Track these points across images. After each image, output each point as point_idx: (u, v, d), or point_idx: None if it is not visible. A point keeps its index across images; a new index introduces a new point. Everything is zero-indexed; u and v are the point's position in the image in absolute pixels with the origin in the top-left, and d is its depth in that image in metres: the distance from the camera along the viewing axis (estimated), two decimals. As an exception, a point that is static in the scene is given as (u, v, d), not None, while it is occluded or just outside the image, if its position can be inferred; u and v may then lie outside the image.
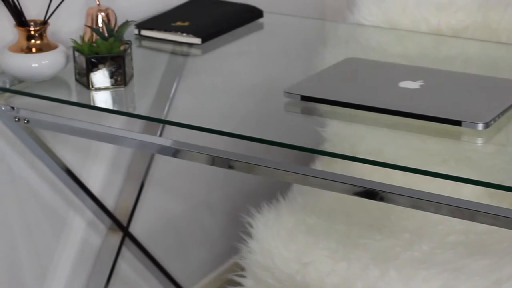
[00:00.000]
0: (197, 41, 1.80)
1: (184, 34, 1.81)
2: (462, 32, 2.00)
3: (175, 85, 1.71)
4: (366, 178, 1.38)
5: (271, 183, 2.15)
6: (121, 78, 1.58)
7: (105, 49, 1.57)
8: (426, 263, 1.79)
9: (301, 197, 2.02)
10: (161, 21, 1.87)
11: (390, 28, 2.04)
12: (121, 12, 1.71)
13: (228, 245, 2.29)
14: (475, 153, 1.39)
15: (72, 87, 1.62)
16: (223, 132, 1.44)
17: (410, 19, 2.05)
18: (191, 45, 1.81)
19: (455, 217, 1.34)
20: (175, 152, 1.54)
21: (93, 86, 1.58)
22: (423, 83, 1.51)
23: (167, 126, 1.89)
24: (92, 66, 1.57)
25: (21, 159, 1.77)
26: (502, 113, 1.40)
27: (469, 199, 1.31)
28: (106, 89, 1.58)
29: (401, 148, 1.40)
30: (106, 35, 1.58)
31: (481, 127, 1.36)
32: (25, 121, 1.63)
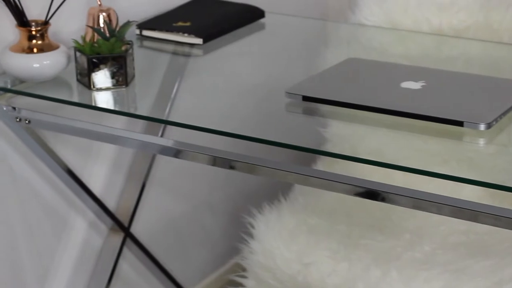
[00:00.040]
0: (199, 41, 1.80)
1: (185, 34, 1.81)
2: (463, 32, 2.00)
3: (176, 86, 1.71)
4: (367, 178, 1.38)
5: (272, 183, 2.15)
6: (122, 78, 1.58)
7: (106, 49, 1.57)
8: (427, 264, 1.79)
9: (302, 198, 2.01)
10: (162, 21, 1.86)
11: (391, 28, 2.04)
12: (123, 12, 1.71)
13: (229, 245, 2.29)
14: (476, 154, 1.39)
15: (73, 87, 1.62)
16: (224, 132, 1.44)
17: (411, 19, 2.04)
18: (192, 45, 1.81)
19: (456, 217, 1.34)
20: (176, 152, 1.54)
21: (95, 86, 1.58)
22: (424, 84, 1.50)
23: (169, 126, 1.89)
24: (93, 66, 1.57)
25: (23, 160, 1.77)
26: (504, 113, 1.39)
27: (471, 200, 1.31)
28: (107, 89, 1.58)
29: (403, 148, 1.40)
30: (107, 35, 1.58)
31: (483, 127, 1.36)
32: (27, 122, 1.63)
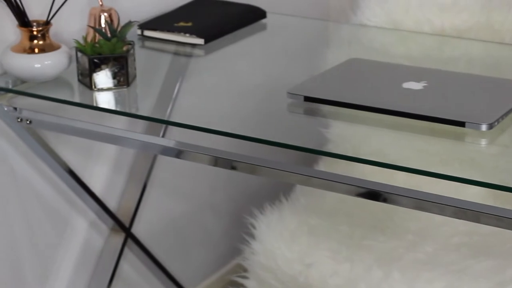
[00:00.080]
0: (200, 41, 1.80)
1: (187, 34, 1.81)
2: (465, 33, 1.99)
3: (178, 86, 1.71)
4: (369, 179, 1.37)
5: (274, 184, 2.15)
6: (123, 78, 1.58)
7: (107, 49, 1.57)
8: (429, 265, 1.79)
9: (304, 198, 2.01)
10: (164, 22, 1.86)
11: (393, 29, 2.03)
12: (124, 12, 1.71)
13: (230, 246, 2.29)
14: (478, 154, 1.38)
15: (74, 87, 1.62)
16: (225, 133, 1.44)
17: (413, 20, 2.04)
18: (194, 45, 1.81)
19: (458, 218, 1.34)
20: (178, 153, 1.54)
21: (96, 86, 1.57)
22: (426, 84, 1.50)
23: (170, 126, 1.89)
24: (94, 66, 1.56)
25: (24, 160, 1.77)
26: (505, 114, 1.39)
27: (473, 200, 1.31)
28: (108, 89, 1.58)
29: (405, 149, 1.40)
30: (109, 35, 1.58)
31: (484, 128, 1.35)
32: (28, 122, 1.63)
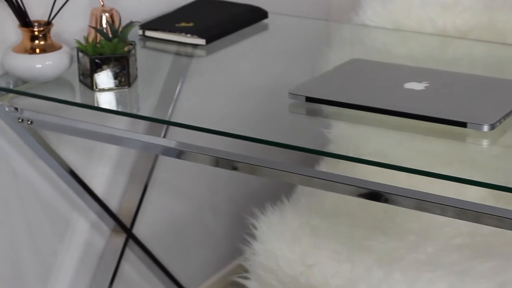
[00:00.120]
0: (202, 42, 1.80)
1: (188, 35, 1.81)
2: (467, 33, 1.99)
3: (179, 86, 1.71)
4: (370, 179, 1.37)
5: (275, 184, 2.15)
6: (125, 79, 1.58)
7: (109, 49, 1.57)
8: (431, 265, 1.78)
9: (305, 199, 2.01)
10: (165, 22, 1.86)
11: (395, 29, 2.03)
12: (125, 12, 1.71)
13: (231, 246, 2.29)
14: (480, 155, 1.38)
15: (76, 88, 1.62)
16: (227, 133, 1.44)
17: (415, 20, 2.04)
18: (195, 46, 1.80)
19: (460, 219, 1.34)
20: (179, 153, 1.53)
21: (97, 87, 1.57)
22: (428, 85, 1.50)
23: (171, 127, 1.89)
24: (96, 67, 1.56)
25: (25, 160, 1.77)
26: (507, 114, 1.39)
27: (474, 201, 1.31)
28: (110, 90, 1.58)
29: (406, 149, 1.39)
30: (110, 35, 1.58)
31: (486, 128, 1.35)
32: (29, 122, 1.62)
